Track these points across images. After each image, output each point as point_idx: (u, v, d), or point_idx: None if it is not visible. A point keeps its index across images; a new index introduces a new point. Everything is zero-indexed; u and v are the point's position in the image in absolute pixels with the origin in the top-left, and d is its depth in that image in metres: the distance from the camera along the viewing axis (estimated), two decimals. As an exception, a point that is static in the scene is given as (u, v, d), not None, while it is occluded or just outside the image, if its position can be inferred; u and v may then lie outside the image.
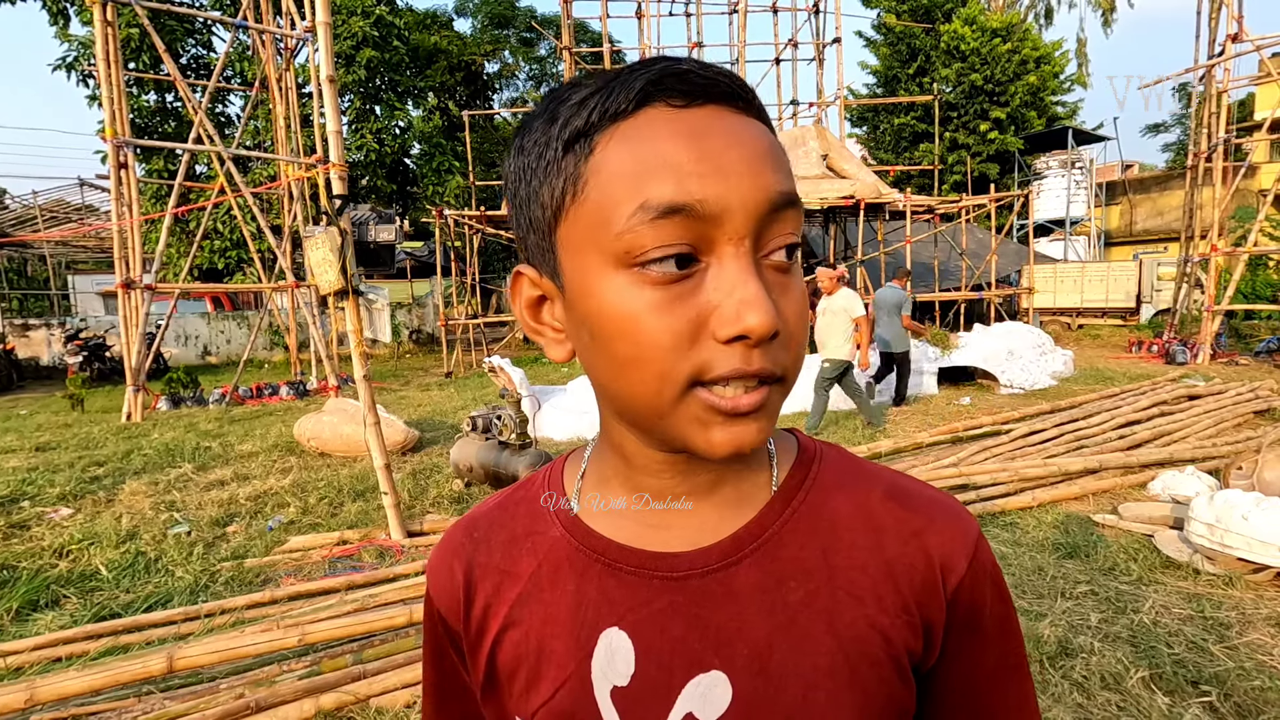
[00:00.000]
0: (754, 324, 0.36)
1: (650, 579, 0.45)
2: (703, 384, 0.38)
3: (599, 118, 0.39)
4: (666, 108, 0.38)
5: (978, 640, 0.46)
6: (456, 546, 0.52)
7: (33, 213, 18.42)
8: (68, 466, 5.59)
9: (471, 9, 25.99)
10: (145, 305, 8.23)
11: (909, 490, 0.49)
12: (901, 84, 22.12)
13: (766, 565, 0.45)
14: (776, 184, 0.38)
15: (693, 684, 0.44)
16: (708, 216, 0.37)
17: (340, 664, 2.32)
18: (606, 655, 0.45)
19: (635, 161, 0.37)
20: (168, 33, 14.55)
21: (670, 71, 0.38)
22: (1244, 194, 14.59)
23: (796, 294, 0.41)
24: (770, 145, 0.40)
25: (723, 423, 0.39)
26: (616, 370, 0.40)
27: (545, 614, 0.47)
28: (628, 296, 0.38)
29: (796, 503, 0.47)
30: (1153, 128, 30.01)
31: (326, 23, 3.57)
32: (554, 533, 0.49)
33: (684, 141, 0.37)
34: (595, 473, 0.51)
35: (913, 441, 5.25)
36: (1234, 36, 9.56)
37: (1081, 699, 2.16)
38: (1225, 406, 5.86)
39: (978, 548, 0.46)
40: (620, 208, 0.37)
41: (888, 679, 0.44)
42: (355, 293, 3.62)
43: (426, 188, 19.68)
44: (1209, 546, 3.01)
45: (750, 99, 0.40)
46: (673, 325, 0.37)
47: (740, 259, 0.38)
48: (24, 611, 3.07)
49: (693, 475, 0.46)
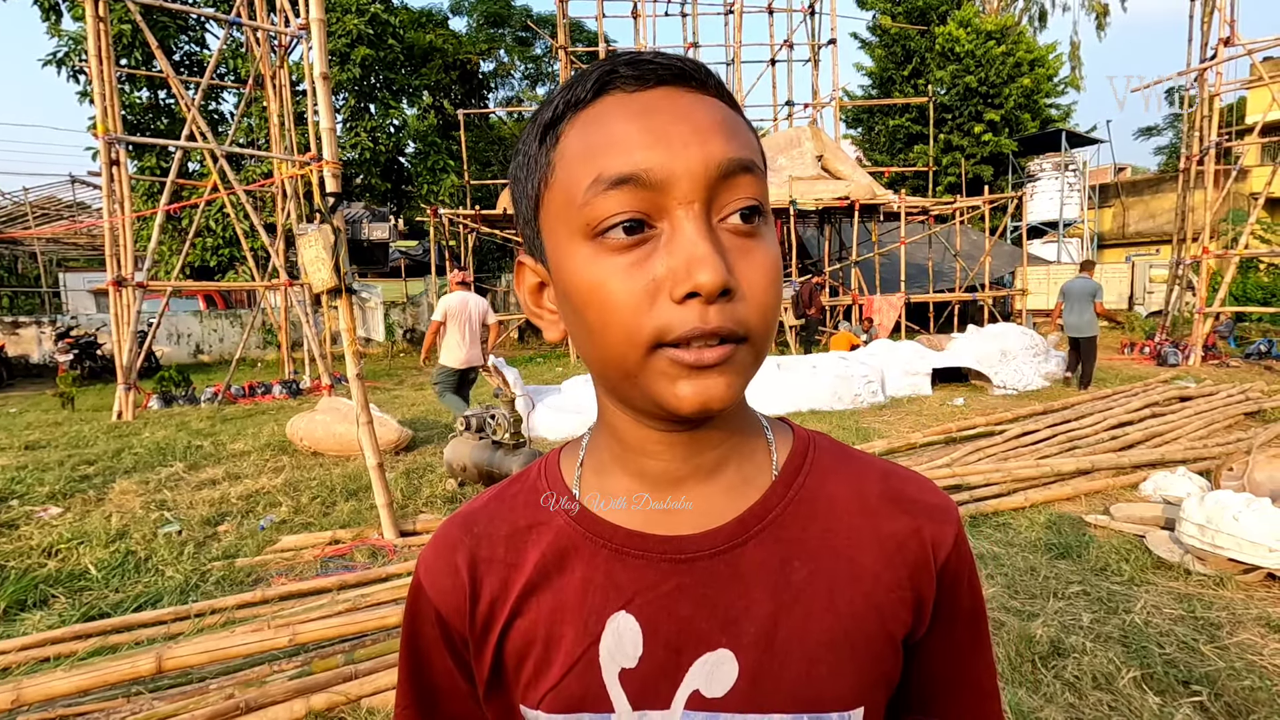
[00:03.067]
0: (703, 280, 0.38)
1: (658, 562, 0.46)
2: (666, 344, 0.40)
3: (563, 109, 0.42)
4: (621, 93, 0.41)
5: (958, 613, 0.50)
6: (455, 543, 0.51)
7: (23, 209, 18.28)
8: (57, 465, 5.54)
9: (467, 8, 25.92)
10: (136, 303, 8.17)
11: (898, 474, 0.52)
12: (896, 86, 22.18)
13: (771, 546, 0.47)
14: (724, 151, 0.40)
15: (700, 662, 0.45)
16: (655, 184, 0.39)
17: (331, 664, 2.31)
18: (614, 638, 0.46)
19: (592, 142, 0.41)
20: (160, 29, 14.47)
21: (625, 61, 0.42)
22: (1235, 197, 14.68)
23: (760, 256, 0.41)
24: (723, 118, 0.42)
25: (688, 376, 0.40)
26: (591, 337, 0.42)
27: (553, 602, 0.48)
28: (593, 266, 0.41)
29: (797, 486, 0.49)
30: (1145, 131, 30.18)
31: (321, 19, 3.55)
32: (557, 521, 0.50)
33: (635, 120, 0.40)
34: (594, 459, 0.51)
35: (906, 442, 5.27)
36: (1226, 40, 9.62)
37: (1073, 698, 2.16)
38: (1216, 408, 5.90)
39: (959, 527, 0.50)
40: (580, 184, 0.40)
41: (882, 653, 0.47)
42: (348, 291, 3.60)
43: (421, 186, 19.64)
44: (1200, 547, 3.02)
45: (704, 79, 0.42)
46: (633, 288, 0.40)
47: (691, 221, 0.39)
48: (12, 611, 3.04)
49: (693, 457, 0.47)
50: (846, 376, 7.32)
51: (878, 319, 12.59)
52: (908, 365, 8.02)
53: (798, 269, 13.33)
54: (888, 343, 9.05)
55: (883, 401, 7.47)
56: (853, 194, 13.03)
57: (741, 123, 0.43)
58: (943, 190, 19.95)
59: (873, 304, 12.96)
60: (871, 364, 7.82)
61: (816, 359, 8.05)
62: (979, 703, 0.52)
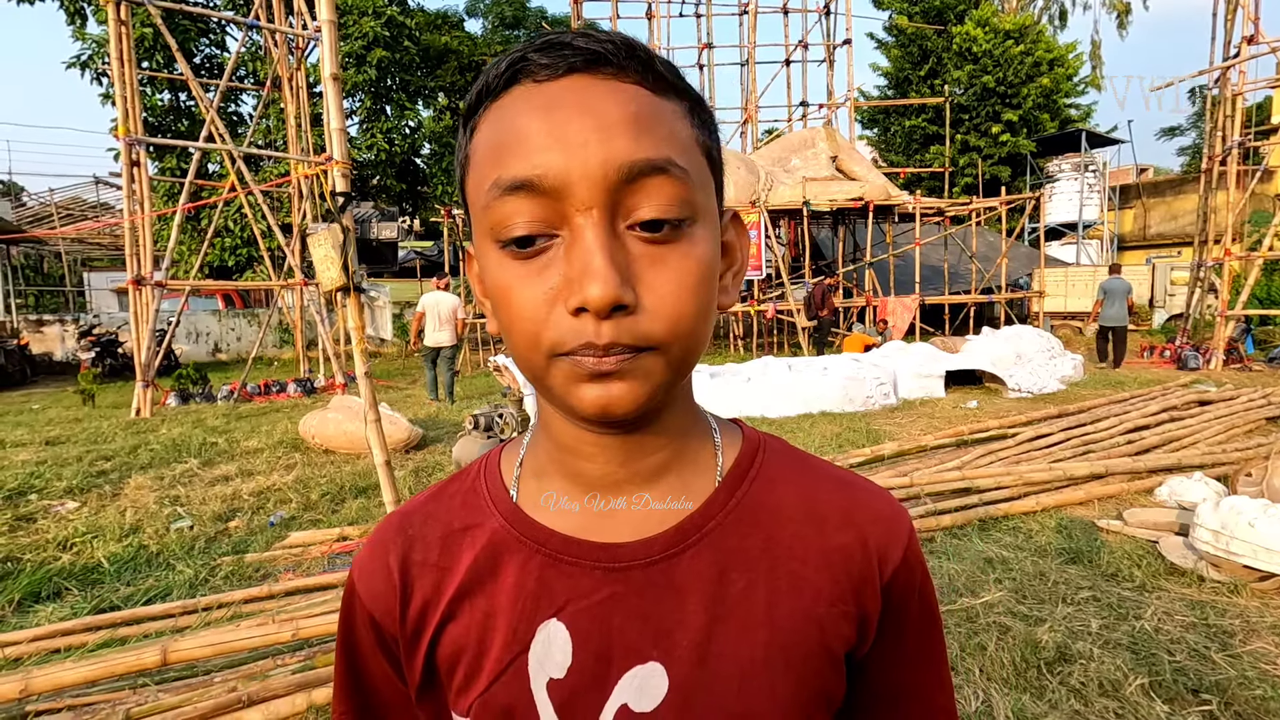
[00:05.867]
0: (592, 295, 0.36)
1: (592, 570, 0.45)
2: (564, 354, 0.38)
3: (477, 100, 0.41)
4: (531, 84, 0.39)
5: (906, 628, 0.48)
6: (388, 544, 0.50)
7: (49, 210, 18.65)
8: (76, 460, 5.64)
9: (482, 10, 26.14)
10: (155, 302, 8.30)
11: (849, 482, 0.49)
12: (913, 86, 22.01)
13: (709, 556, 0.45)
14: (627, 152, 0.37)
15: (629, 675, 0.43)
16: (551, 190, 0.37)
17: (333, 659, 2.32)
18: (544, 647, 0.44)
19: (495, 140, 0.39)
20: (181, 32, 14.71)
21: (537, 47, 0.39)
22: (1259, 198, 14.39)
23: (676, 263, 0.39)
24: (635, 111, 0.38)
25: (590, 381, 0.39)
26: (505, 336, 0.41)
27: (485, 606, 0.46)
28: (501, 270, 0.40)
29: (740, 493, 0.47)
30: (1168, 131, 29.76)
31: (332, 20, 3.59)
32: (493, 523, 0.48)
33: (536, 116, 0.38)
34: (533, 459, 0.50)
35: (917, 444, 5.21)
36: (1250, 38, 9.44)
37: (1079, 705, 2.13)
38: (1236, 412, 5.78)
39: (910, 539, 0.48)
40: (484, 185, 0.39)
41: (821, 669, 0.45)
42: (357, 290, 3.63)
43: (436, 187, 19.81)
44: (1214, 553, 2.96)
45: (623, 63, 0.39)
46: (533, 298, 0.38)
47: (590, 229, 0.37)
48: (26, 603, 3.10)
49: (630, 461, 0.45)
50: (858, 378, 7.27)
51: (891, 321, 12.49)
52: (920, 367, 7.94)
53: (811, 270, 13.26)
54: (900, 344, 8.98)
55: (894, 403, 7.40)
56: (867, 195, 12.93)
57: (666, 113, 0.39)
58: (959, 191, 19.75)
59: (887, 305, 12.85)
60: (883, 366, 7.76)
61: (828, 360, 8.00)
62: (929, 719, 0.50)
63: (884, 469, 4.61)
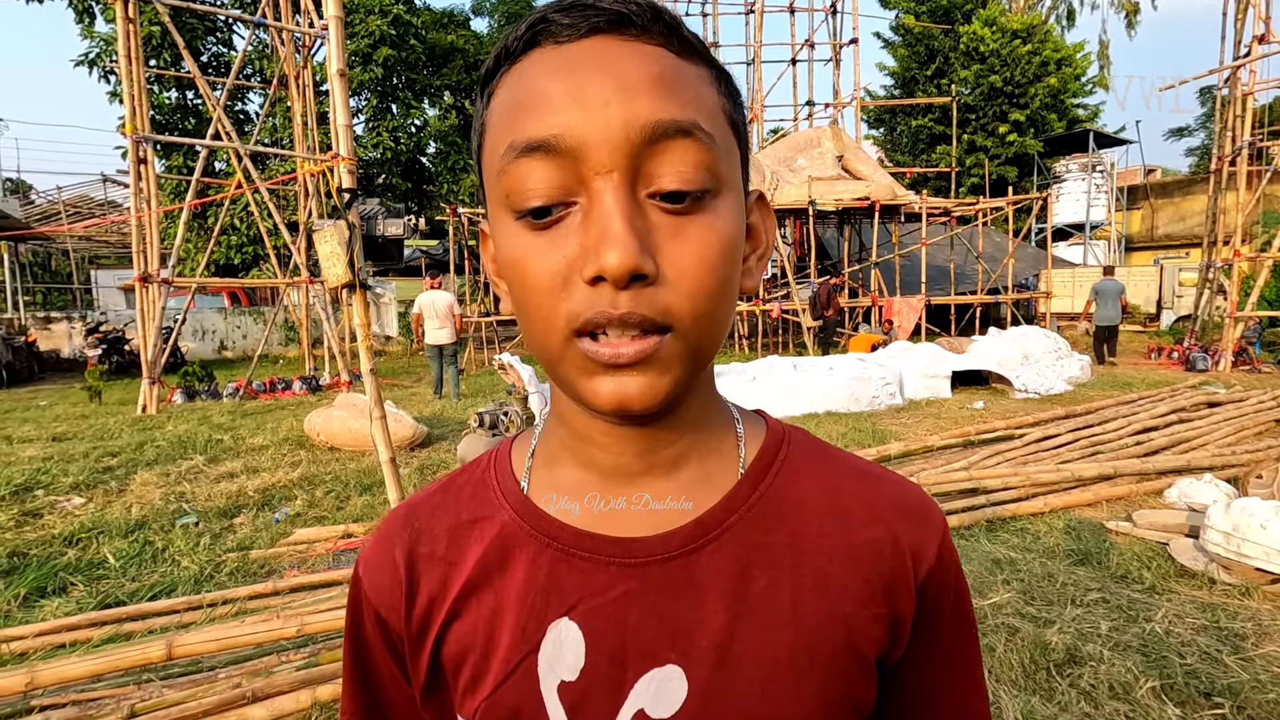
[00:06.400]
0: (610, 262, 0.34)
1: (606, 566, 0.42)
2: (584, 333, 0.36)
3: (495, 64, 0.39)
4: (551, 45, 0.37)
5: (940, 629, 0.45)
6: (394, 537, 0.48)
7: (57, 208, 18.75)
8: (82, 456, 5.66)
9: (488, 8, 26.15)
10: (162, 299, 8.32)
11: (874, 474, 0.47)
12: (919, 85, 21.95)
13: (731, 552, 0.43)
14: (652, 111, 0.35)
15: (646, 679, 0.41)
16: (569, 150, 0.35)
17: (338, 655, 2.32)
18: (555, 647, 0.42)
19: (512, 102, 0.37)
20: (188, 30, 14.75)
21: (559, 8, 0.37)
22: (1269, 199, 14.31)
23: (698, 235, 0.37)
24: (659, 72, 0.36)
25: (605, 374, 0.37)
26: (520, 317, 0.39)
27: (493, 604, 0.44)
28: (516, 241, 0.38)
29: (764, 487, 0.45)
30: (1176, 131, 29.58)
31: (338, 16, 3.58)
32: (502, 516, 0.46)
33: (556, 76, 0.36)
34: (545, 448, 0.48)
35: (923, 444, 5.18)
36: (1260, 38, 9.37)
37: (1089, 708, 2.11)
38: (1246, 414, 5.73)
39: (944, 534, 0.45)
40: (499, 149, 0.37)
41: (848, 670, 0.42)
42: (362, 286, 3.62)
43: (441, 186, 19.83)
44: (1225, 555, 2.94)
45: (647, 24, 0.37)
46: (550, 268, 0.36)
47: (609, 194, 0.35)
48: (32, 598, 3.11)
49: (647, 453, 0.43)
50: (864, 378, 7.24)
51: (897, 321, 12.44)
52: (926, 367, 7.91)
53: (816, 270, 13.22)
54: (906, 344, 8.95)
55: (900, 404, 7.37)
56: (873, 194, 12.89)
57: (691, 76, 0.38)
58: (966, 191, 19.69)
59: (892, 306, 12.81)
60: (889, 366, 7.73)
61: (834, 360, 7.97)
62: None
63: (890, 469, 4.59)
